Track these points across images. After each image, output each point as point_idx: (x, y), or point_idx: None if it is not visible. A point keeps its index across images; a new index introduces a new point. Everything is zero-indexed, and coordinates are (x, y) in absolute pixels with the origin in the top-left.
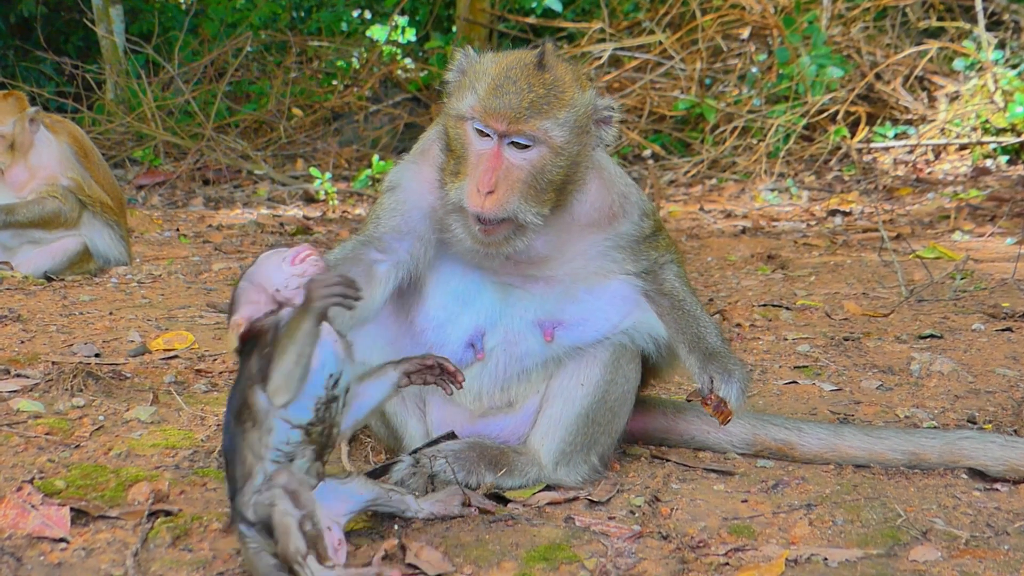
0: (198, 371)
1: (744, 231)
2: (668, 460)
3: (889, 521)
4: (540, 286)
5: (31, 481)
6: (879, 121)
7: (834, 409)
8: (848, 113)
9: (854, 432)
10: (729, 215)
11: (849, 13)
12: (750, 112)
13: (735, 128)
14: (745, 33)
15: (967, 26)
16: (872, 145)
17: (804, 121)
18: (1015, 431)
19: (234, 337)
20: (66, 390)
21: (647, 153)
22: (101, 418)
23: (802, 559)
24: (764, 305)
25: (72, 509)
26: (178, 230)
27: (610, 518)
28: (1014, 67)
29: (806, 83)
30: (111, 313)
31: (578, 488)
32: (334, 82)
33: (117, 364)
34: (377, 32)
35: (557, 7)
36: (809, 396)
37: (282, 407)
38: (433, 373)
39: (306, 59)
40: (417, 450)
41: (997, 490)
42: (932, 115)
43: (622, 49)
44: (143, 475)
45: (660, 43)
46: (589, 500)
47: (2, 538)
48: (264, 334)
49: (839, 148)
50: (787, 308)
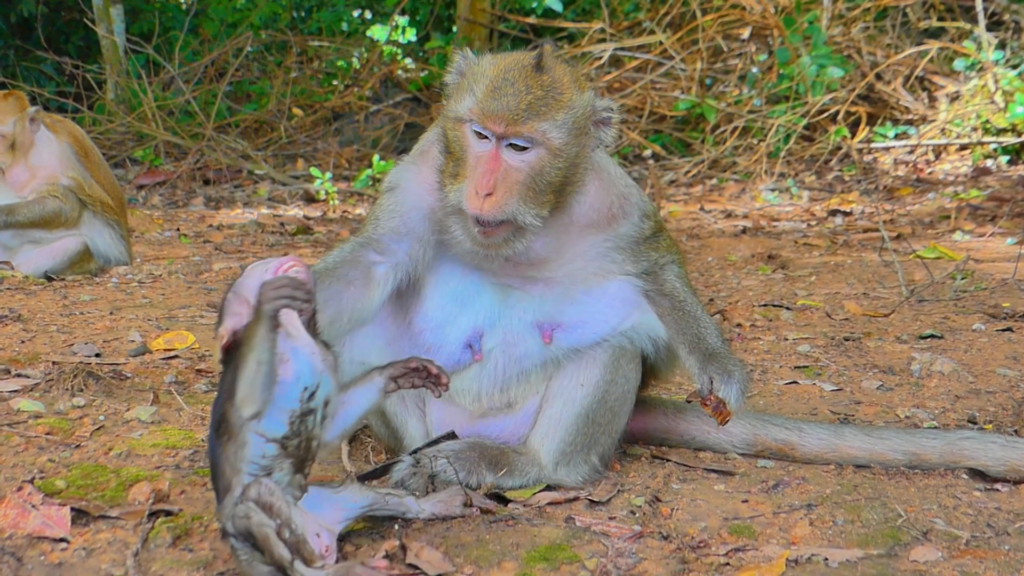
0: (198, 371)
1: (744, 231)
2: (668, 460)
3: (890, 521)
4: (539, 287)
5: (31, 481)
6: (879, 121)
7: (834, 409)
8: (848, 113)
9: (855, 432)
10: (729, 215)
11: (849, 13)
12: (751, 112)
13: (735, 128)
14: (745, 33)
15: (967, 26)
16: (872, 145)
17: (804, 121)
18: (1016, 431)
19: (218, 349)
20: (66, 390)
21: (647, 153)
22: (101, 418)
23: (803, 559)
24: (764, 305)
25: (72, 509)
26: (178, 230)
27: (610, 518)
28: (1014, 67)
29: (806, 83)
30: (111, 313)
31: (578, 488)
32: (334, 82)
33: (117, 364)
34: (377, 32)
35: (557, 7)
36: (809, 396)
37: (251, 419)
38: (421, 376)
39: (306, 59)
40: (417, 450)
41: (998, 490)
42: (932, 115)
43: (622, 49)
44: (144, 475)
45: (660, 43)
46: (589, 500)
47: (2, 538)
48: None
49: (839, 148)
50: (787, 308)
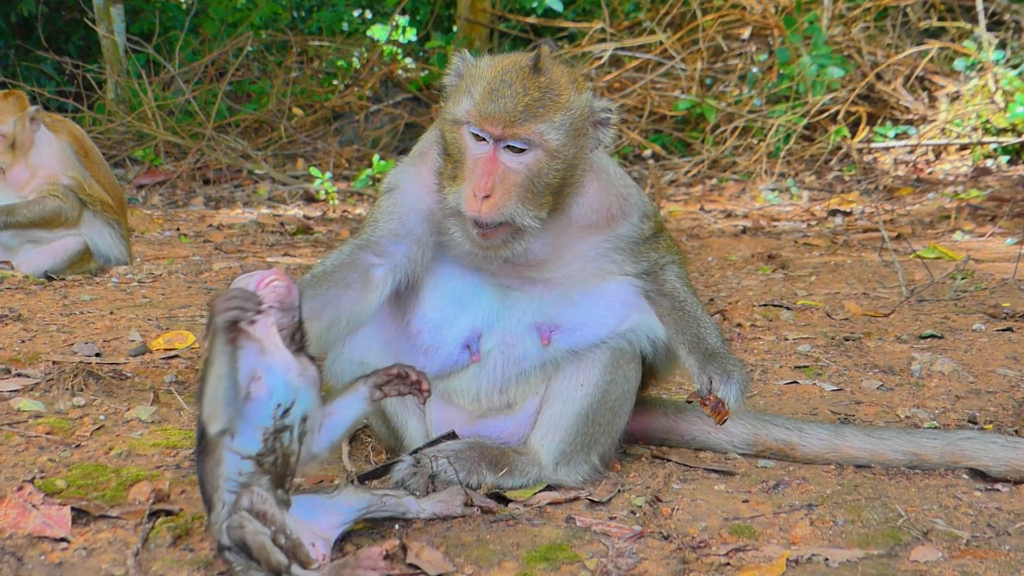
0: (199, 370)
1: (745, 231)
2: (669, 460)
3: (890, 521)
4: (538, 288)
5: (32, 481)
6: (880, 121)
7: (835, 409)
8: (849, 113)
9: (855, 432)
10: (729, 215)
11: (850, 13)
12: (751, 112)
13: (736, 128)
14: (746, 33)
15: (968, 26)
16: (873, 145)
17: (805, 121)
18: (1016, 431)
19: (202, 362)
20: (67, 390)
21: (647, 153)
22: (102, 417)
23: (803, 559)
24: (765, 305)
25: (73, 509)
26: (178, 229)
27: (611, 518)
28: (1015, 67)
29: (807, 83)
30: (112, 312)
31: (579, 488)
32: (335, 82)
33: (118, 363)
34: (378, 32)
35: (558, 7)
36: (810, 396)
37: (223, 436)
38: (406, 383)
39: (307, 59)
40: (418, 450)
41: (998, 490)
42: (933, 115)
43: (623, 49)
44: (144, 475)
45: (661, 43)
46: (590, 500)
47: (3, 538)
48: None
49: (840, 148)
50: (788, 308)
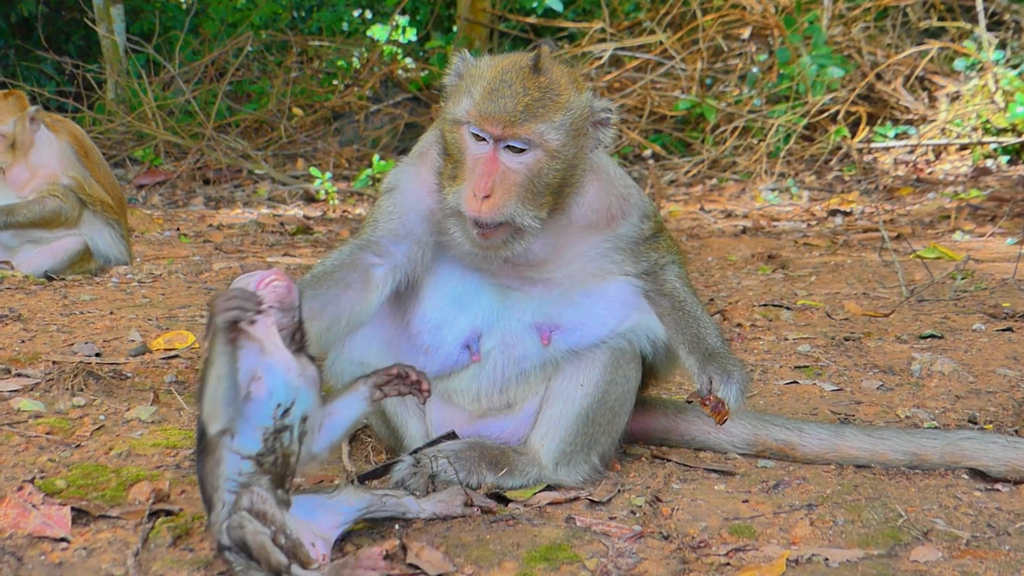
0: (199, 370)
1: (744, 231)
2: (669, 460)
3: (890, 521)
4: (538, 288)
5: (32, 481)
6: (880, 121)
7: (835, 409)
8: (849, 113)
9: (855, 432)
10: (729, 215)
11: (850, 13)
12: (751, 112)
13: (736, 128)
14: (746, 33)
15: (968, 26)
16: (873, 145)
17: (805, 121)
18: (1016, 431)
19: (202, 362)
20: (67, 389)
21: (647, 153)
22: (102, 417)
23: (803, 559)
24: (765, 305)
25: (73, 509)
26: (178, 229)
27: (611, 518)
28: (1015, 67)
29: (807, 83)
30: (112, 312)
31: (579, 488)
32: (335, 82)
33: (118, 363)
34: (378, 32)
35: (558, 7)
36: (810, 396)
37: (222, 436)
38: (406, 383)
39: (307, 59)
40: (418, 450)
41: (998, 490)
42: (933, 115)
43: (623, 49)
44: (144, 475)
45: (661, 43)
46: (590, 500)
47: (3, 538)
48: None
49: (840, 148)
50: (788, 308)
